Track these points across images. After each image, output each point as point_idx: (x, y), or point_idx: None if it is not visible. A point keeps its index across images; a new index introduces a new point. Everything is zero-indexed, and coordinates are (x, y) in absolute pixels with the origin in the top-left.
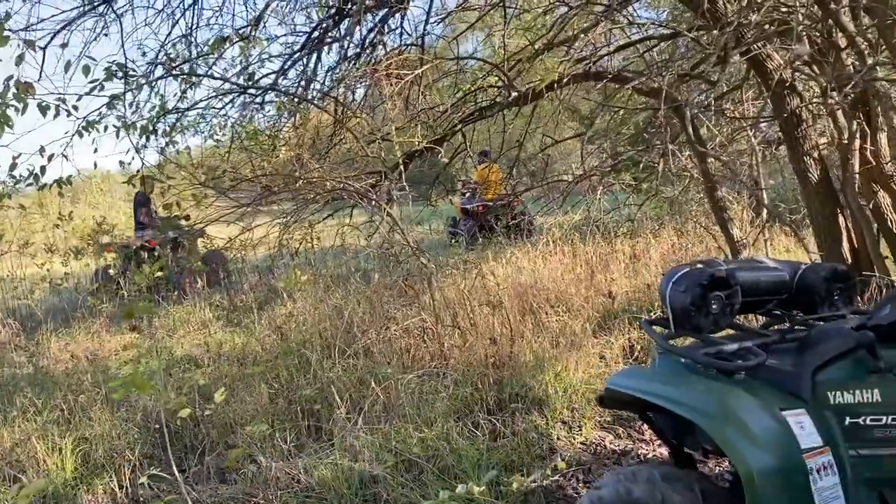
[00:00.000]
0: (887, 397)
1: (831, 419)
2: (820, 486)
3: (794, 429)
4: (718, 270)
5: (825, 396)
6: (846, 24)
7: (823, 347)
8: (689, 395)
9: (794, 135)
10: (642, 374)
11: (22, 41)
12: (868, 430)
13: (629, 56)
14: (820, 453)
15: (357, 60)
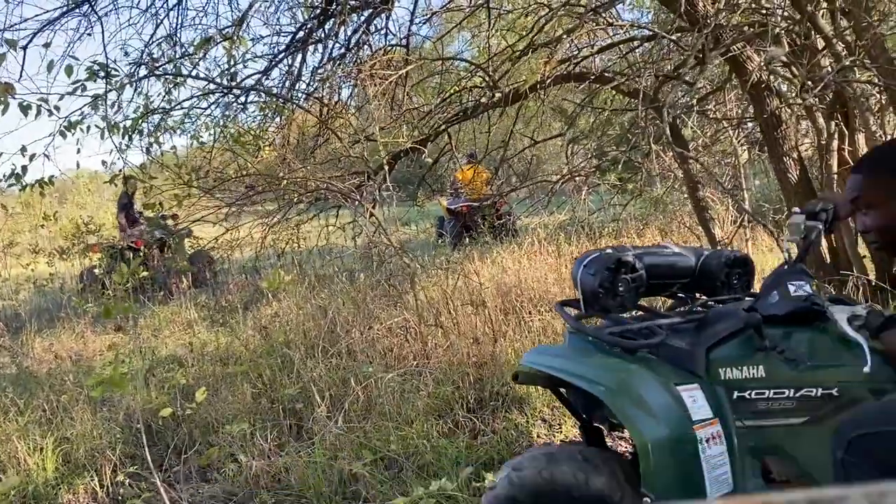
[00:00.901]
0: (770, 373)
1: (721, 393)
2: (708, 455)
3: (687, 402)
4: (626, 255)
5: (717, 373)
6: (823, 26)
7: (717, 328)
8: (593, 371)
9: (774, 135)
10: (554, 352)
11: (3, 40)
12: (753, 403)
13: (612, 57)
14: (709, 425)
15: (342, 61)
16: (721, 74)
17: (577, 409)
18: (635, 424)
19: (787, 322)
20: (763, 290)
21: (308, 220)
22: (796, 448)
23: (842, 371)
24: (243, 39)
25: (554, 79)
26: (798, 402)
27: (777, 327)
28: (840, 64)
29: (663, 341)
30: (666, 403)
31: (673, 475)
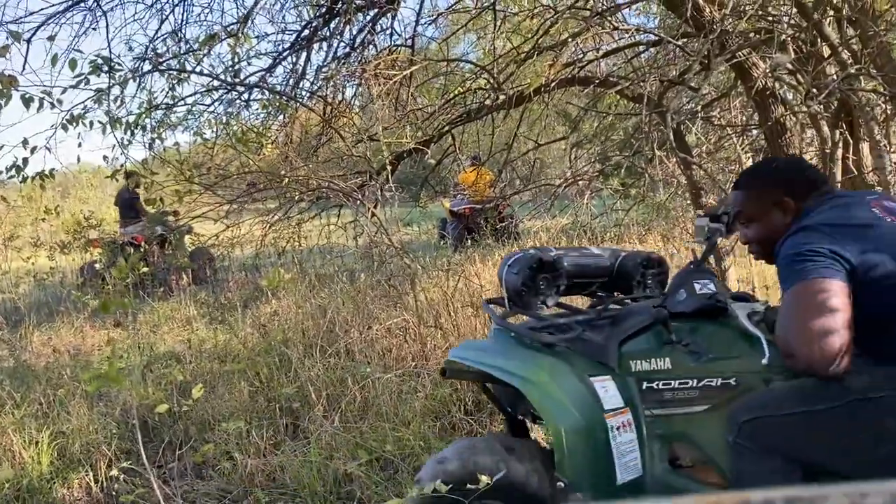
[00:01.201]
0: (675, 365)
1: (632, 384)
2: (618, 441)
3: (600, 392)
4: (547, 255)
5: (628, 365)
6: (829, 34)
7: (628, 323)
8: (514, 364)
9: (778, 143)
10: (479, 347)
11: (8, 32)
12: (660, 393)
13: (617, 62)
14: (620, 413)
15: (346, 60)
16: (727, 81)
17: (503, 402)
18: (550, 413)
19: (693, 318)
20: (671, 289)
21: (309, 219)
22: (699, 434)
23: (739, 362)
24: (248, 37)
25: (558, 82)
26: (700, 392)
27: (683, 322)
28: (845, 72)
29: (579, 336)
30: (580, 393)
31: (585, 461)
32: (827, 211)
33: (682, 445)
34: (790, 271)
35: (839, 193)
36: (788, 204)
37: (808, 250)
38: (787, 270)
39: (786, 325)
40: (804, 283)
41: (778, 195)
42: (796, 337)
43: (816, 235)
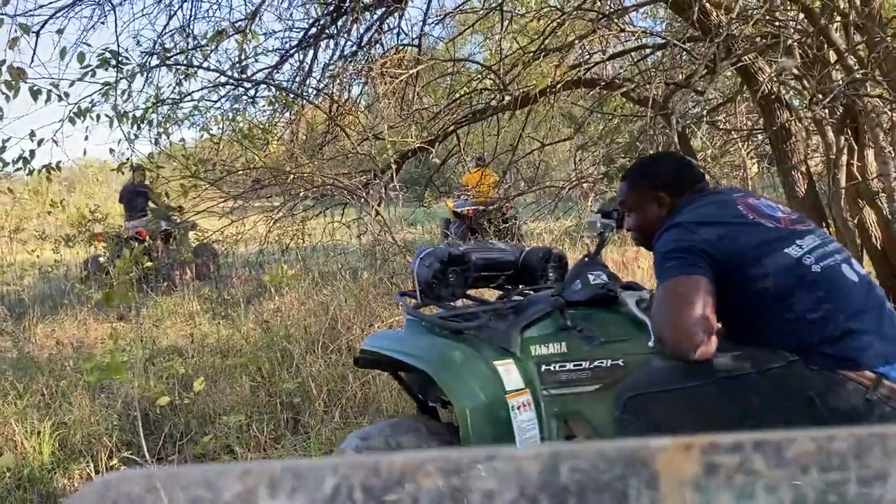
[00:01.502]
0: (570, 349)
1: (532, 367)
2: (519, 420)
3: (502, 375)
4: (456, 250)
5: (528, 350)
6: (836, 40)
7: (529, 312)
8: (424, 351)
9: (783, 148)
10: (392, 337)
11: (17, 25)
12: (557, 375)
13: (623, 64)
14: (520, 394)
15: (353, 58)
16: (733, 86)
17: (414, 388)
18: (457, 395)
19: (587, 306)
20: (568, 280)
21: (314, 216)
22: (592, 412)
23: (628, 345)
24: (255, 33)
25: (564, 83)
26: (592, 373)
27: (579, 310)
28: (851, 77)
29: (485, 324)
30: (484, 376)
31: (488, 439)
32: (699, 208)
33: (576, 422)
34: (661, 268)
35: (711, 191)
36: (664, 199)
37: (677, 248)
38: (659, 267)
39: (657, 317)
40: (671, 281)
41: (655, 190)
42: (664, 328)
43: (686, 233)
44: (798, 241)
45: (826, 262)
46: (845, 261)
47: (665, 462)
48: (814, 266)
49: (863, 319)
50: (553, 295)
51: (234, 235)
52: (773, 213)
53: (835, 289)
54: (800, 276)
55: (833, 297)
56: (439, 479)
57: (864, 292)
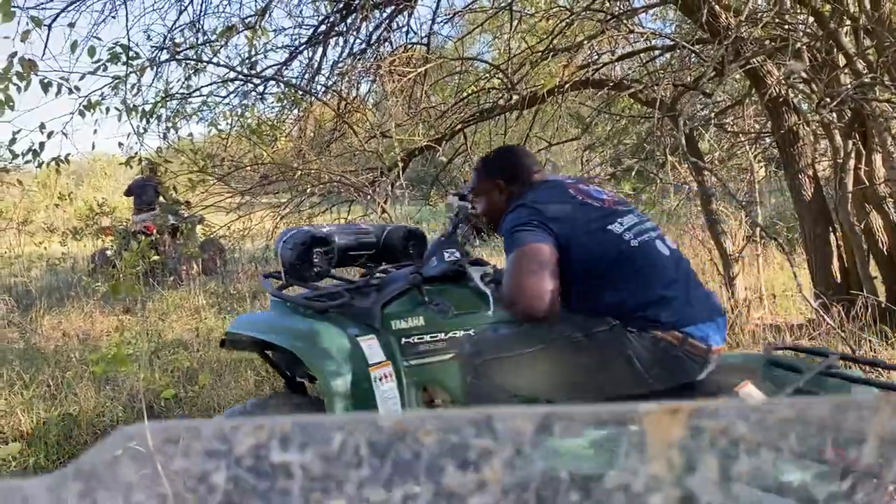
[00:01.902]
0: (427, 322)
1: (393, 341)
2: (381, 390)
3: (364, 349)
4: (319, 231)
5: (389, 324)
6: (845, 44)
7: (389, 289)
8: (289, 330)
9: (790, 151)
10: (257, 318)
11: (28, 18)
12: (416, 347)
13: (632, 65)
14: (382, 366)
15: (362, 56)
16: (741, 88)
17: (282, 367)
18: (321, 370)
19: (442, 281)
20: (425, 258)
21: (321, 212)
22: (447, 378)
23: (477, 316)
24: (265, 30)
25: (572, 84)
26: (447, 343)
27: (434, 286)
28: (859, 80)
29: (348, 302)
30: (347, 351)
31: (351, 406)
32: (538, 192)
33: (435, 389)
34: (510, 241)
35: (548, 179)
36: (502, 187)
37: (522, 223)
38: (508, 241)
39: (507, 282)
40: (520, 248)
41: (495, 179)
42: (515, 289)
43: (528, 211)
44: (619, 219)
45: (642, 238)
46: (658, 237)
47: (652, 424)
48: (632, 241)
49: (673, 288)
50: (412, 272)
51: (240, 231)
52: (599, 196)
53: (650, 261)
54: (621, 250)
55: (648, 268)
56: (438, 436)
57: (674, 264)
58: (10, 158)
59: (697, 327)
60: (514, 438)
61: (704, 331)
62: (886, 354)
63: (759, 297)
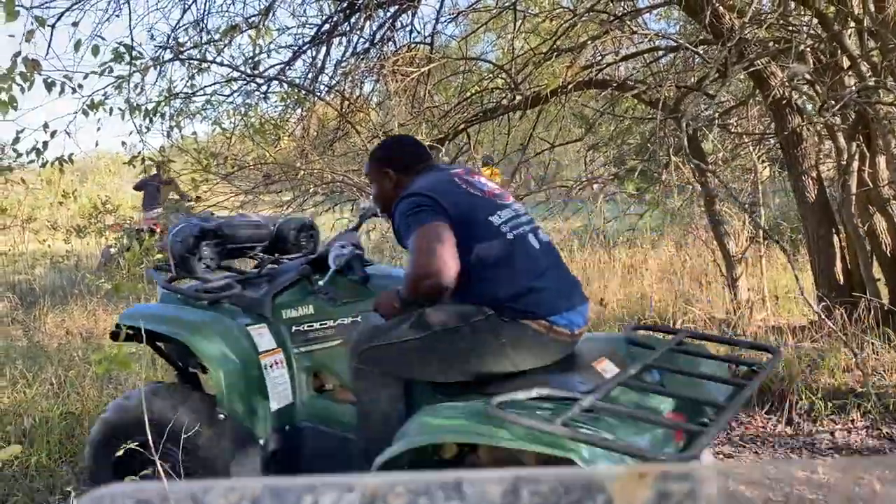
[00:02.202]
0: (317, 311)
1: (284, 329)
2: (272, 376)
3: (255, 338)
4: (209, 224)
5: (280, 314)
6: (849, 46)
7: (281, 279)
8: (180, 321)
9: (794, 153)
10: (148, 310)
11: (33, 17)
12: (305, 334)
13: (636, 66)
14: (273, 354)
15: (366, 55)
16: (745, 89)
17: (174, 358)
18: (212, 359)
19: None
20: (322, 250)
21: (324, 211)
22: (336, 364)
23: (365, 304)
24: (269, 29)
25: (576, 84)
26: (336, 330)
27: (325, 276)
28: (863, 83)
29: (240, 293)
30: (237, 340)
31: (242, 394)
32: (427, 180)
33: (325, 374)
34: (406, 225)
35: (436, 167)
36: (391, 175)
37: (416, 206)
38: (405, 226)
39: (413, 260)
40: (422, 227)
41: (385, 167)
42: (424, 263)
43: (420, 197)
44: (499, 211)
45: (517, 231)
46: (532, 231)
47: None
48: (508, 234)
49: (543, 279)
50: (302, 263)
51: None
52: (482, 187)
53: (522, 254)
54: (498, 241)
55: (520, 261)
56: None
57: (544, 257)
58: (14, 157)
59: (563, 315)
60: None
61: (569, 318)
62: (889, 357)
63: (761, 298)
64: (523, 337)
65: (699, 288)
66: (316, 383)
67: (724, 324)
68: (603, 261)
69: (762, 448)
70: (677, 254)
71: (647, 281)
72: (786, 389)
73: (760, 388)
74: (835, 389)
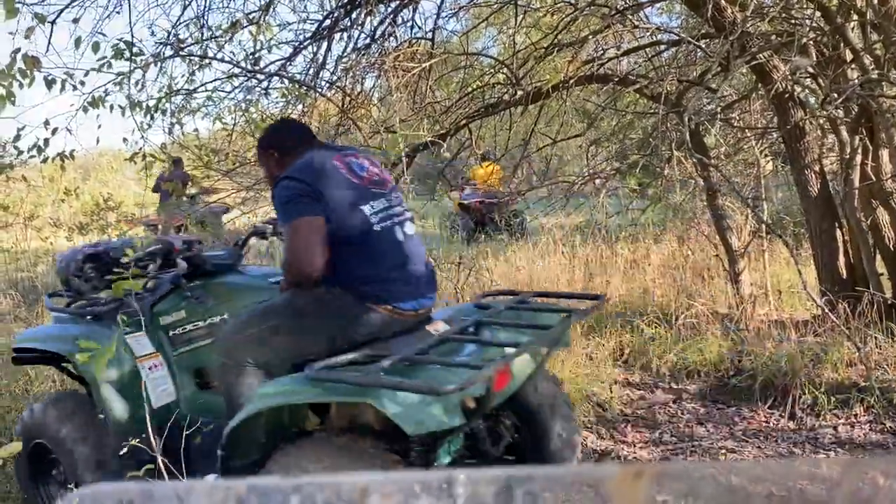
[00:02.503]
0: (188, 314)
1: (161, 335)
2: (151, 378)
3: (133, 345)
4: (95, 249)
5: (158, 321)
6: (851, 39)
7: (158, 290)
8: (64, 337)
9: (797, 147)
10: (39, 332)
11: (32, 14)
12: (181, 336)
13: (637, 60)
14: (151, 357)
15: (367, 51)
16: (748, 83)
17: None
18: (90, 370)
19: (205, 276)
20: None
21: None
22: (210, 360)
23: (231, 304)
24: (269, 25)
25: (577, 79)
26: (207, 329)
27: (195, 282)
28: (866, 76)
29: (120, 306)
30: (115, 348)
31: (123, 397)
32: (305, 163)
33: (208, 370)
34: (282, 212)
35: (320, 148)
36: (274, 156)
37: (290, 195)
38: (281, 213)
39: (287, 250)
40: (295, 221)
41: (269, 150)
42: (295, 255)
43: (295, 183)
44: (371, 201)
45: (385, 224)
46: (400, 223)
47: (616, 487)
48: (375, 225)
49: (399, 270)
50: (176, 274)
51: (245, 226)
52: (360, 172)
53: (386, 246)
54: (364, 231)
55: (382, 252)
56: (399, 500)
57: (406, 249)
58: (15, 154)
59: (410, 303)
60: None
61: (417, 304)
62: (892, 351)
63: (764, 293)
64: (365, 319)
65: (701, 283)
66: (204, 380)
67: (727, 318)
68: (605, 256)
69: (765, 443)
70: (679, 249)
71: (649, 276)
72: (789, 384)
73: (763, 383)
74: (838, 384)
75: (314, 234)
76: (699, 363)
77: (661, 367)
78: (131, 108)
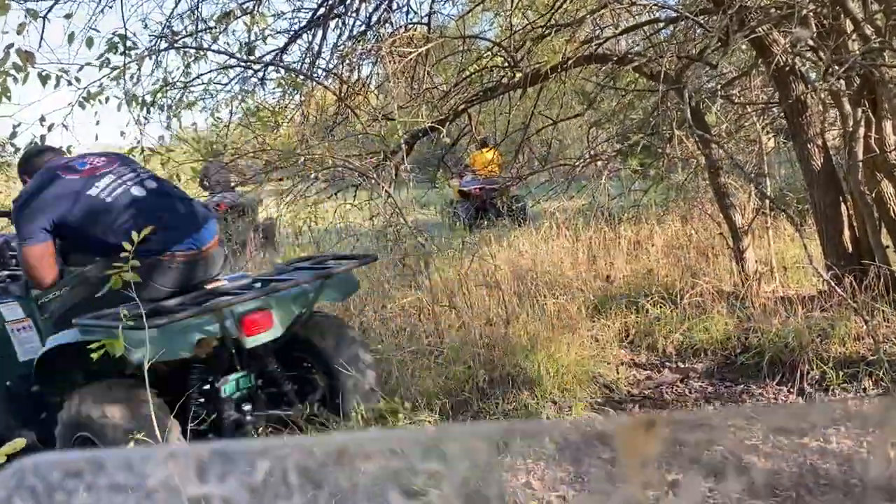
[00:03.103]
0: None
1: (33, 305)
2: (19, 337)
3: (3, 311)
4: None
5: (30, 293)
6: (852, 9)
7: None
8: None
9: (798, 121)
10: None
11: (24, 10)
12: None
13: (637, 39)
14: (21, 322)
15: (362, 38)
16: (748, 59)
17: None
18: None
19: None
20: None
21: (326, 198)
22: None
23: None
24: (263, 15)
25: (576, 60)
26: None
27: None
28: (867, 46)
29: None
30: None
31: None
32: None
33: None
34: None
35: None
36: (26, 180)
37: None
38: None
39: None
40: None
41: (23, 175)
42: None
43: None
44: (97, 182)
45: (117, 191)
46: (137, 184)
47: (624, 440)
48: (107, 198)
49: (155, 220)
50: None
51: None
52: (82, 167)
53: (127, 209)
54: (99, 208)
55: (126, 215)
56: (380, 459)
57: (154, 200)
58: (12, 152)
59: (184, 243)
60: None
61: (191, 243)
62: None
63: (769, 269)
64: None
65: (706, 262)
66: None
67: (732, 296)
68: (608, 238)
69: None
70: (683, 228)
71: (653, 256)
72: (797, 360)
73: (771, 360)
74: (846, 358)
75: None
76: (705, 342)
77: (668, 347)
78: (128, 103)
